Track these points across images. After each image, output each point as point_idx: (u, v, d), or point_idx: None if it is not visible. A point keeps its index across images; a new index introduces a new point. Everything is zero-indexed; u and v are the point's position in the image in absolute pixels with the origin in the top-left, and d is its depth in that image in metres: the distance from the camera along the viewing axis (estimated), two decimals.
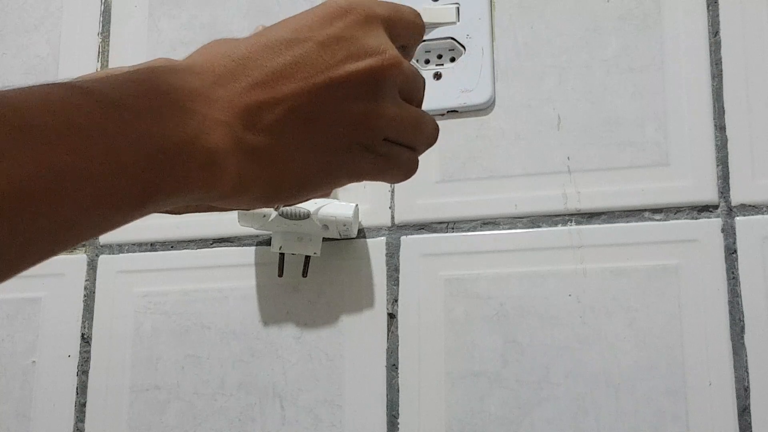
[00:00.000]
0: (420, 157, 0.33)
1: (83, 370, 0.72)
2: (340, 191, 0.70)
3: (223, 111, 0.30)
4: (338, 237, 0.68)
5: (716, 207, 0.62)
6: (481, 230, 0.66)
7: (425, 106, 0.73)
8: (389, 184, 0.69)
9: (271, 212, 0.66)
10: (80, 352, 0.73)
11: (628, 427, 0.61)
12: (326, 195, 0.37)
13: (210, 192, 0.30)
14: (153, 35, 0.77)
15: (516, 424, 0.63)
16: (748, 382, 0.60)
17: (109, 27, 0.79)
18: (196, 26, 0.76)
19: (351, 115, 0.33)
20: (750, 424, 0.59)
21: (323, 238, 0.68)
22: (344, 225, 0.66)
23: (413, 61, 0.69)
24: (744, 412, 0.59)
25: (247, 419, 0.68)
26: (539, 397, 0.63)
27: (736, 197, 0.62)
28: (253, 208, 0.35)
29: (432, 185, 0.68)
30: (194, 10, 0.77)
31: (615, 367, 0.62)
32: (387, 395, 0.66)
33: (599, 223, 0.64)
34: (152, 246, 0.73)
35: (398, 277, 0.67)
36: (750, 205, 0.62)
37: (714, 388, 0.60)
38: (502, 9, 0.69)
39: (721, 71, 0.64)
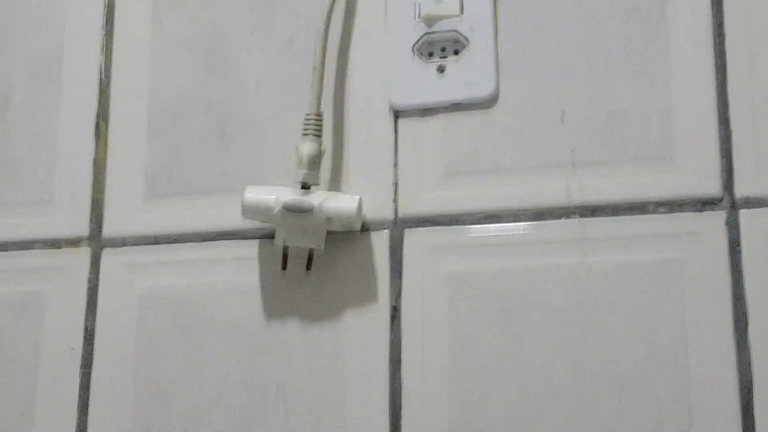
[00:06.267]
0: (424, 151, 0.33)
1: (87, 364, 0.72)
2: (344, 185, 0.70)
3: None
4: (342, 230, 0.68)
5: (720, 200, 0.62)
6: (485, 224, 0.66)
7: (429, 100, 0.73)
8: (393, 178, 0.69)
9: (276, 205, 0.66)
10: (84, 346, 0.73)
11: (632, 423, 0.61)
12: None
13: None
14: (156, 30, 0.77)
15: (519, 420, 0.63)
16: (751, 378, 0.59)
17: (112, 25, 0.79)
18: (200, 21, 0.76)
19: None
20: (753, 421, 0.59)
21: (327, 231, 0.68)
22: (348, 218, 0.66)
23: (416, 55, 0.69)
24: (747, 408, 0.59)
25: (251, 414, 0.68)
26: (542, 392, 0.63)
27: (740, 191, 0.62)
28: None
29: (436, 179, 0.68)
30: (198, 6, 0.77)
31: (618, 361, 0.62)
32: (390, 389, 0.66)
33: (603, 217, 0.64)
34: (156, 240, 0.73)
35: (402, 271, 0.67)
36: (754, 199, 0.62)
37: (717, 384, 0.60)
38: (507, 2, 0.69)
39: (725, 64, 0.64)
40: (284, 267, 0.69)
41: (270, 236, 0.71)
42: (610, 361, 0.62)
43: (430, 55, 0.70)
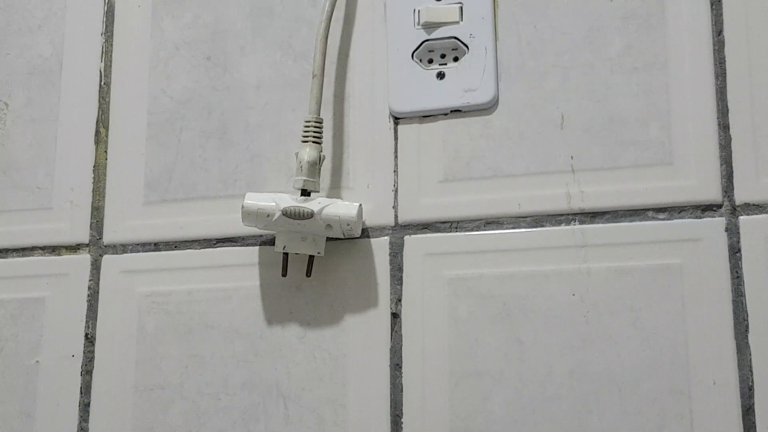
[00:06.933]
0: (424, 157, 0.33)
1: (87, 370, 0.73)
2: (344, 191, 0.70)
3: None
4: (342, 237, 0.68)
5: (720, 206, 0.62)
6: (484, 230, 0.66)
7: (429, 106, 0.73)
8: (393, 184, 0.69)
9: (275, 212, 0.66)
10: (84, 352, 0.73)
11: (632, 426, 0.61)
12: None
13: None
14: (156, 35, 0.77)
15: (520, 424, 0.63)
16: (752, 381, 0.60)
17: (112, 27, 0.79)
18: (200, 26, 0.76)
19: None
20: (754, 423, 0.59)
21: (327, 237, 0.68)
22: (348, 225, 0.66)
23: (416, 61, 0.69)
24: (748, 411, 0.59)
25: (251, 418, 0.68)
26: (543, 396, 0.63)
27: (740, 196, 0.62)
28: None
29: (435, 185, 0.68)
30: (197, 10, 0.77)
31: (618, 366, 0.62)
32: (390, 395, 0.66)
33: (603, 223, 0.64)
34: (156, 246, 0.73)
35: (402, 277, 0.67)
36: (754, 204, 0.62)
37: (718, 387, 0.60)
38: (506, 8, 0.69)
39: (725, 70, 0.64)
40: (284, 273, 0.69)
41: (270, 242, 0.71)
42: (610, 366, 0.62)
43: (430, 61, 0.70)
